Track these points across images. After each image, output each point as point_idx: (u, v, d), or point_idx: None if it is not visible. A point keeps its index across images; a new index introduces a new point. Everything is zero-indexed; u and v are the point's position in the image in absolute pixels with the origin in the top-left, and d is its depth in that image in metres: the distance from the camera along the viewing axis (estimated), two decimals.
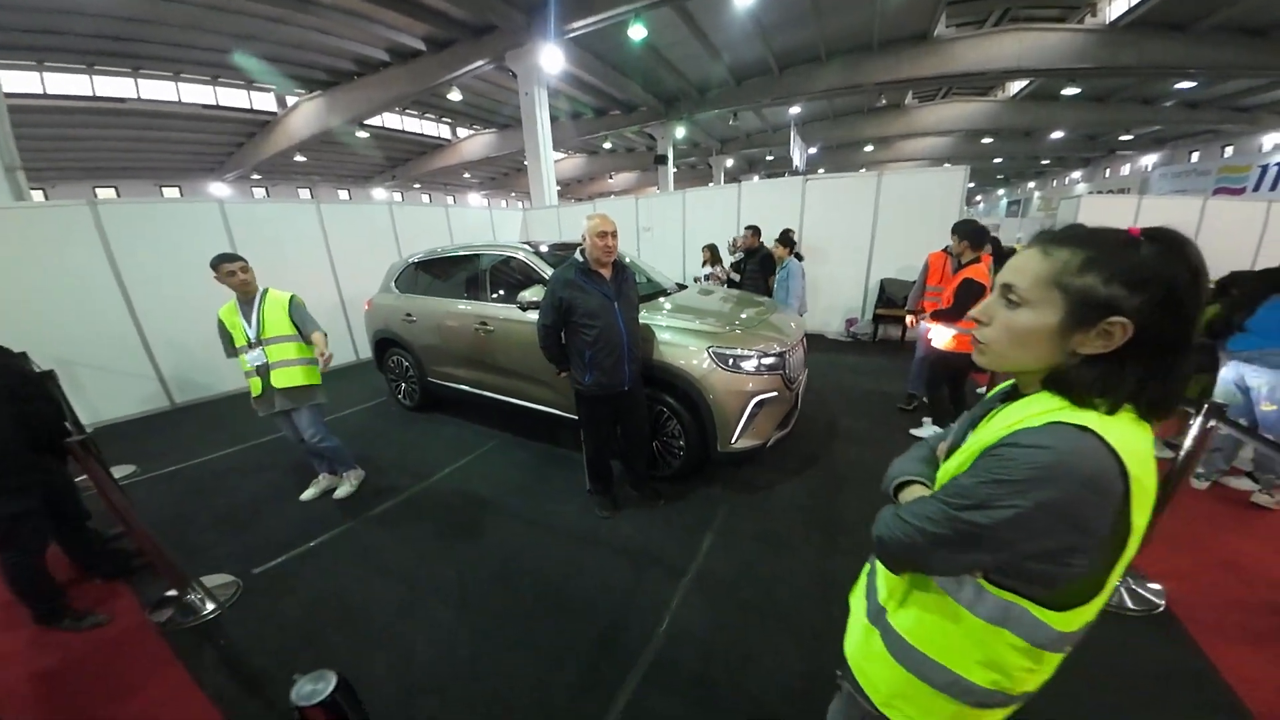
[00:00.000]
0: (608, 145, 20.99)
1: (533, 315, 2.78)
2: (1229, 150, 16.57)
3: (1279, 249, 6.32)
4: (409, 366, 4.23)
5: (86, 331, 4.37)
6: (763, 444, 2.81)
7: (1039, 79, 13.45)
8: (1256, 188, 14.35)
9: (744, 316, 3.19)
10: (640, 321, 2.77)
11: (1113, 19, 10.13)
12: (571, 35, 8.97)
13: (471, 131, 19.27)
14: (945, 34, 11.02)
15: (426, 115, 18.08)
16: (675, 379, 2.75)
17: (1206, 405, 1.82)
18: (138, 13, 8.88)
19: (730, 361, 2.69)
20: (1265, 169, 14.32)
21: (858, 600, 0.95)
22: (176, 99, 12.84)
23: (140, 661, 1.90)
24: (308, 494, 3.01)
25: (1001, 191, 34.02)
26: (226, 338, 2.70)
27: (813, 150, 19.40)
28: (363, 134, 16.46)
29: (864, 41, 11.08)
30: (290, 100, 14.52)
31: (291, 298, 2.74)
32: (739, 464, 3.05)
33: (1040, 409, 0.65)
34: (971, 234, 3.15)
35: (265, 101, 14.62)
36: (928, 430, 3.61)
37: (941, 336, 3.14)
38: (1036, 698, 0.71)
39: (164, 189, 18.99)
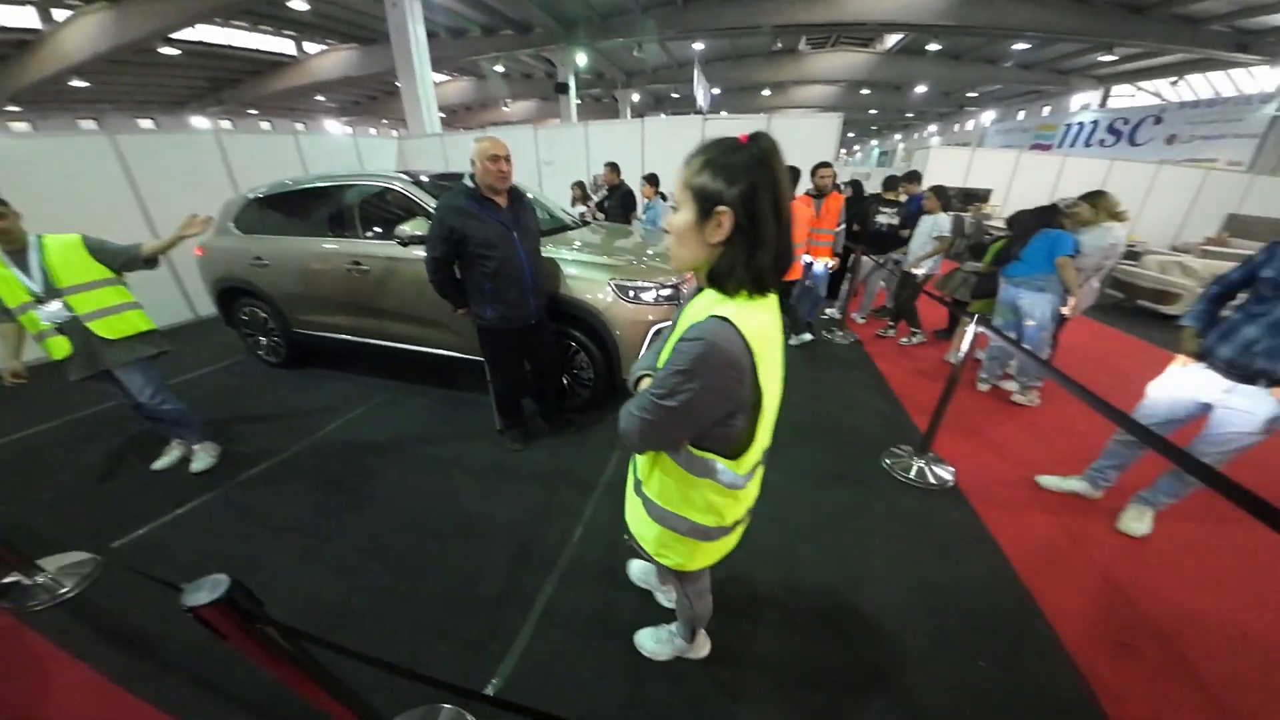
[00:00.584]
0: (499, 69, 18.80)
1: (418, 251, 2.56)
2: (1047, 110, 19.69)
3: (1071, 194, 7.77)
4: (267, 318, 3.67)
5: None
6: None
7: (911, 34, 14.60)
8: (1061, 144, 17.50)
9: (645, 251, 3.25)
10: (545, 255, 2.70)
11: None
12: None
13: (324, 47, 16.00)
14: None
15: (261, 26, 14.52)
16: (581, 313, 2.76)
17: (975, 317, 2.30)
18: None
19: (631, 293, 2.75)
20: (1069, 128, 17.43)
21: (630, 479, 1.16)
22: None
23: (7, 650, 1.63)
24: (160, 463, 2.60)
25: (875, 142, 37.28)
26: None
27: (716, 91, 19.30)
28: (170, 50, 12.83)
29: None
30: (60, 15, 10.70)
31: (83, 238, 2.20)
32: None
33: (704, 304, 0.81)
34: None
35: (21, 17, 10.62)
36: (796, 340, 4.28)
37: None
38: (861, 549, 0.93)
39: None
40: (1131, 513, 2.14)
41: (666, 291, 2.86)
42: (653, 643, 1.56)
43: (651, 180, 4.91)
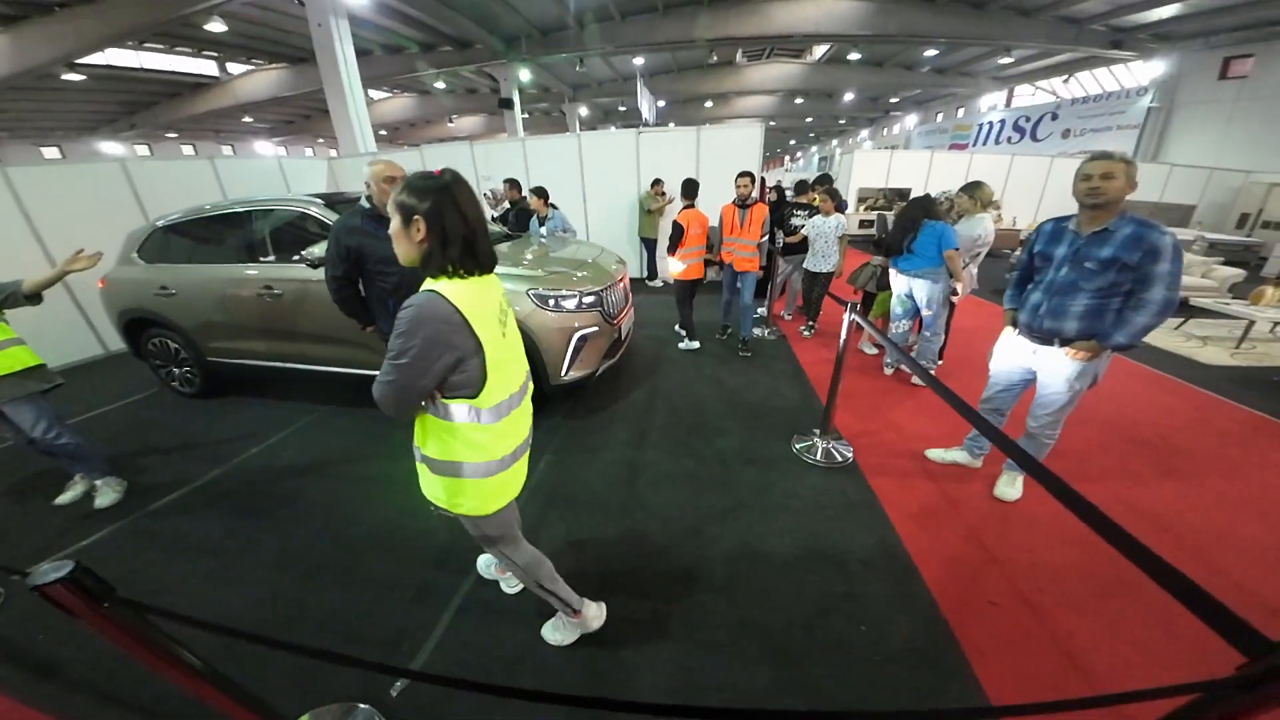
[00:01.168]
0: (441, 85, 18.61)
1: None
2: (961, 112, 21.34)
3: None
4: (178, 348, 3.55)
5: None
6: (592, 373, 3.09)
7: (835, 44, 15.57)
8: (975, 143, 19.01)
9: (565, 260, 3.37)
10: None
11: None
12: None
13: (250, 67, 15.38)
14: None
15: (178, 49, 13.83)
16: None
17: (849, 306, 2.54)
18: None
19: (551, 302, 2.86)
20: (981, 127, 18.97)
21: (416, 457, 1.29)
22: None
23: None
24: (63, 498, 2.50)
25: (815, 148, 39.17)
26: None
27: (661, 103, 19.82)
28: (75, 76, 12.02)
29: None
30: None
31: None
32: (575, 393, 3.34)
33: (424, 286, 1.09)
34: (684, 187, 4.10)
35: None
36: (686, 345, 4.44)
37: (673, 267, 4.19)
38: (763, 525, 1.06)
39: None
40: (1004, 479, 2.37)
41: (589, 299, 2.99)
42: (553, 631, 1.65)
43: (540, 193, 5.06)
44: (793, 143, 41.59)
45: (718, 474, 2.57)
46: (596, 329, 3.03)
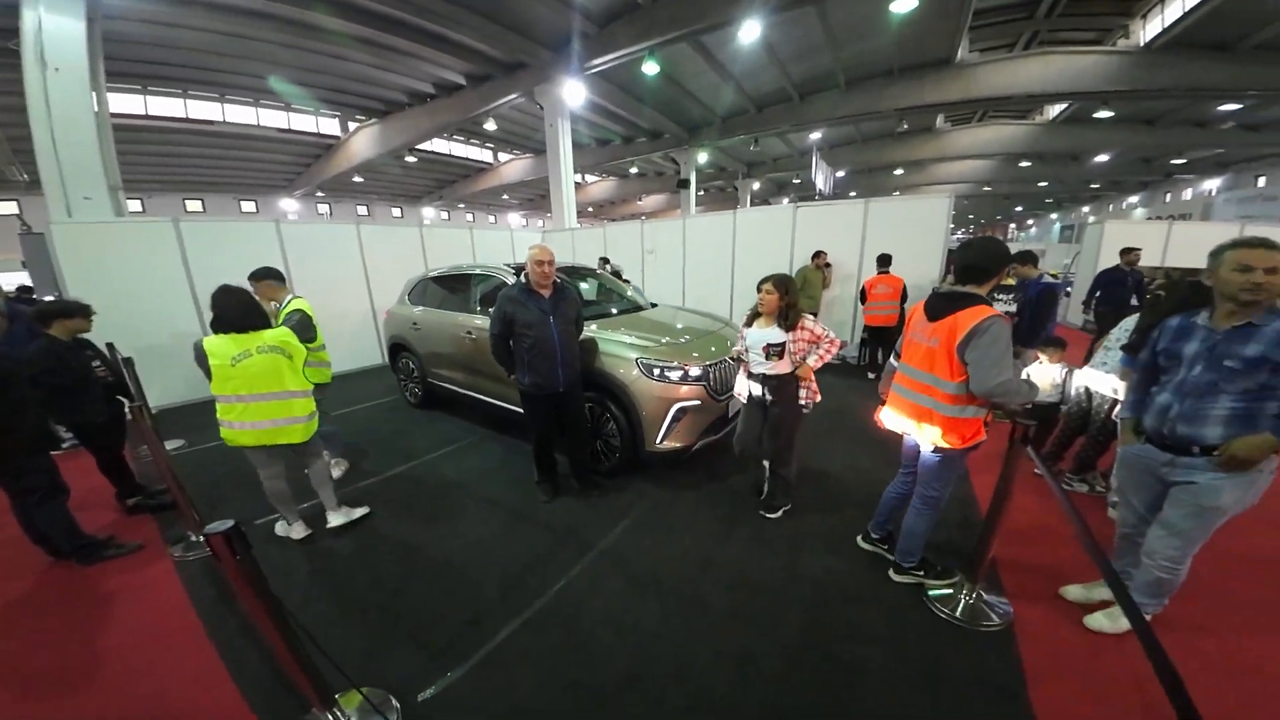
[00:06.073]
0: (635, 170, 21.88)
1: None
2: None
3: None
4: (414, 369, 4.87)
5: (163, 327, 5.32)
6: (688, 446, 3.16)
7: (1077, 102, 13.13)
8: None
9: (682, 334, 3.60)
10: (589, 335, 3.28)
11: (1147, 40, 9.89)
12: (593, 71, 9.76)
13: (512, 155, 20.70)
14: (969, 59, 11.05)
15: (471, 141, 19.63)
16: (610, 385, 3.18)
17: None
18: (223, 48, 10.45)
19: (656, 372, 3.09)
20: None
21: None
22: (256, 122, 14.86)
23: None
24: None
25: (1054, 215, 32.39)
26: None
27: (841, 173, 19.44)
28: (412, 158, 18.07)
29: (884, 68, 11.31)
30: (351, 125, 16.31)
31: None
32: (672, 465, 3.42)
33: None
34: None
35: (330, 126, 16.51)
36: None
37: None
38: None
39: (242, 203, 21.51)
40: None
41: (695, 373, 3.13)
42: None
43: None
44: (1019, 209, 35.19)
45: (805, 602, 2.19)
46: (698, 402, 3.12)
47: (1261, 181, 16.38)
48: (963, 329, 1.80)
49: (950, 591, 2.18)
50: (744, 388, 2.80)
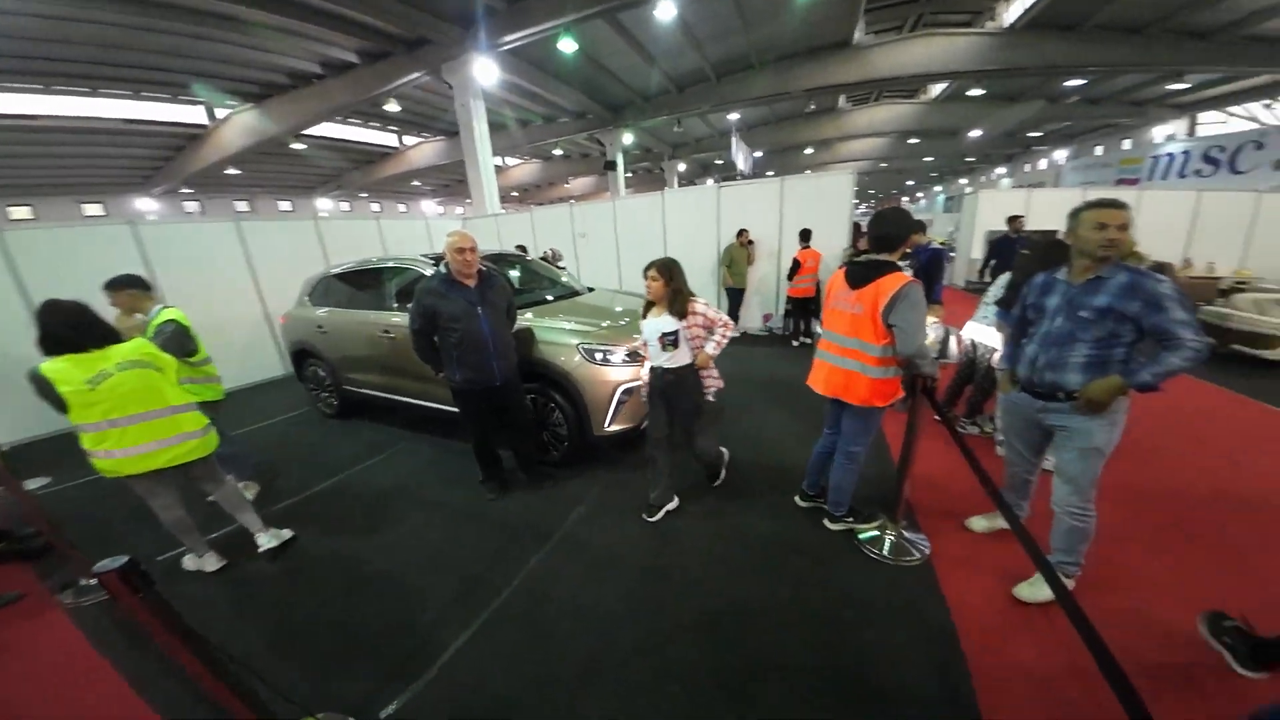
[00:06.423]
0: (559, 151, 21.20)
1: None
2: (1126, 143, 18.19)
3: (1150, 233, 6.73)
4: (325, 376, 4.42)
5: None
6: (636, 426, 3.18)
7: (955, 81, 14.55)
8: (1150, 177, 15.93)
9: (621, 316, 3.57)
10: (525, 324, 3.14)
11: (1010, 22, 11.11)
12: (505, 48, 9.20)
13: (419, 139, 19.13)
14: (864, 41, 11.78)
15: (370, 124, 17.84)
16: (552, 373, 3.10)
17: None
18: (41, 33, 8.59)
19: (599, 356, 3.05)
20: (1156, 160, 15.91)
21: None
22: (92, 114, 12.38)
23: None
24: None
25: (938, 188, 36.03)
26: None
27: (759, 154, 20.17)
28: (299, 145, 16.12)
29: (792, 50, 11.77)
30: (221, 113, 14.15)
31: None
32: (622, 446, 3.43)
33: None
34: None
35: (193, 114, 14.17)
36: None
37: None
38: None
39: (85, 206, 18.10)
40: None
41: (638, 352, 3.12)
42: None
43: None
44: (910, 183, 38.80)
45: (756, 560, 2.33)
46: (643, 382, 3.12)
47: (1099, 150, 19.27)
48: (885, 294, 1.93)
49: (877, 533, 2.40)
50: (645, 380, 2.72)
